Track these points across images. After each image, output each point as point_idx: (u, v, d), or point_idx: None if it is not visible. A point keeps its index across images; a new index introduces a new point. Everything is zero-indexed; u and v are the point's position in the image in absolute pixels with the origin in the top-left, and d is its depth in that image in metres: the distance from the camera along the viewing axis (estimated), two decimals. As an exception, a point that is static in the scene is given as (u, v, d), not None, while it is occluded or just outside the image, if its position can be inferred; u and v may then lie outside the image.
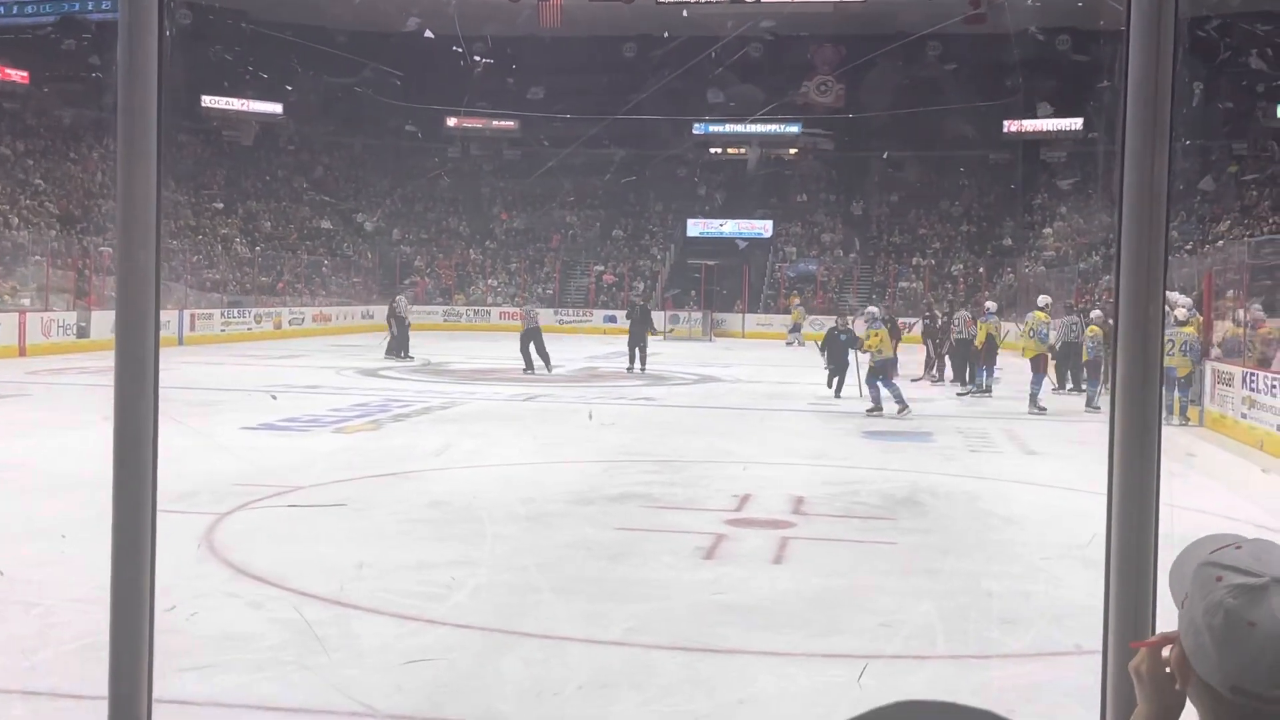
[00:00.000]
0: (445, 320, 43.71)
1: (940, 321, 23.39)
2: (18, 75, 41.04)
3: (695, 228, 48.95)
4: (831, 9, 47.15)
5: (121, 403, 1.89)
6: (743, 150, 52.29)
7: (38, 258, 30.46)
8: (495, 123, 51.55)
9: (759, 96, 42.26)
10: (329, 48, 42.87)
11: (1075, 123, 44.97)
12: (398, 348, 25.71)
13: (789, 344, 35.15)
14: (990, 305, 22.48)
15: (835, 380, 18.91)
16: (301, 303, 39.60)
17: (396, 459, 11.94)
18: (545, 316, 43.20)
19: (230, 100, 47.77)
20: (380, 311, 43.23)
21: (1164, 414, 8.47)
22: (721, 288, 44.75)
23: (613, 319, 42.58)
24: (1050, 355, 19.42)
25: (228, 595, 6.68)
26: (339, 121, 50.03)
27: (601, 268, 47.02)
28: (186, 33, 40.52)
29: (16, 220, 33.56)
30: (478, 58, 40.11)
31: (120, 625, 1.92)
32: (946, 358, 22.73)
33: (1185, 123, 31.57)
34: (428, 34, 40.14)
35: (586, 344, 33.50)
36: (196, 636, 5.80)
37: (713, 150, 52.48)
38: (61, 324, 26.35)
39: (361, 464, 11.53)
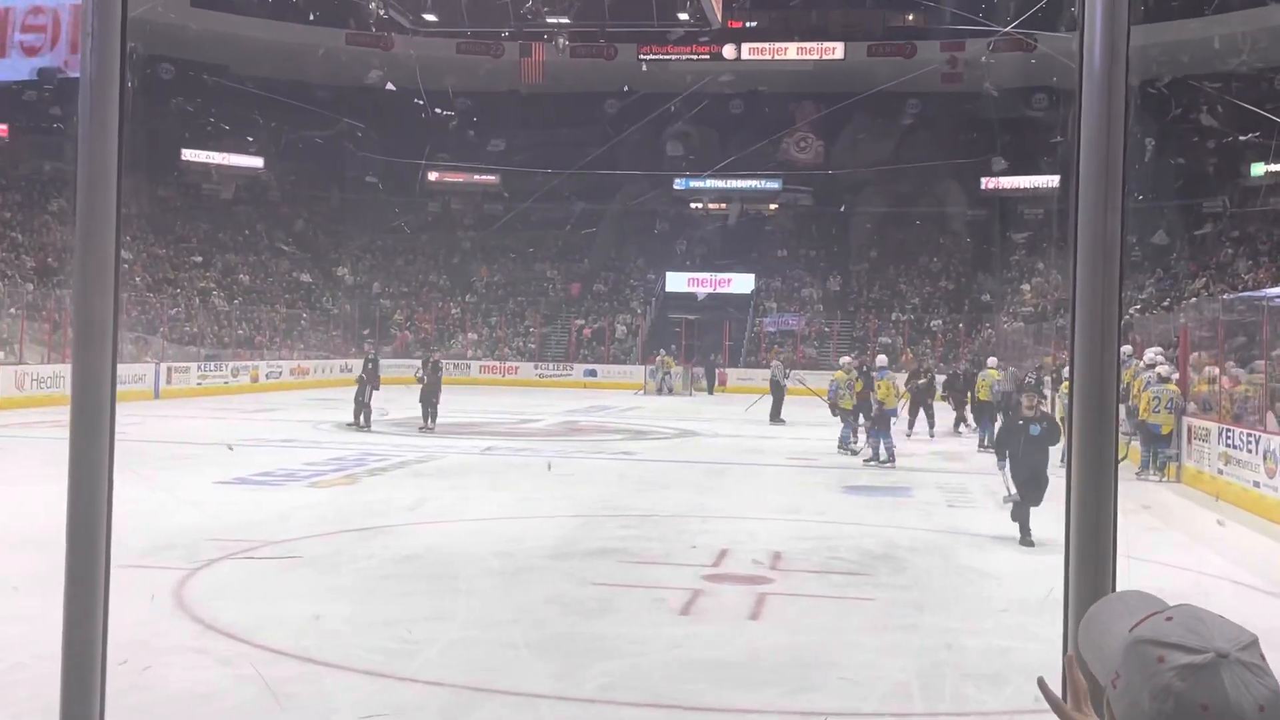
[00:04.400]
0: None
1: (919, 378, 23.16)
2: (-2, 128, 41.11)
3: (675, 282, 49.10)
4: (811, 67, 47.76)
5: (77, 457, 1.87)
6: (723, 206, 52.63)
7: (13, 311, 30.31)
8: (476, 177, 51.78)
9: (734, 151, 42.60)
10: (310, 102, 43.09)
11: (1052, 180, 45.46)
12: (777, 411, 25.97)
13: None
14: (881, 359, 20.38)
15: (1019, 513, 10.73)
16: (279, 356, 39.44)
17: (371, 513, 11.86)
18: (525, 370, 43.49)
19: (210, 154, 47.87)
20: (358, 365, 43.20)
21: (1146, 470, 8.52)
22: (702, 342, 44.84)
23: (593, 373, 42.57)
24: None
25: (196, 652, 6.59)
26: (320, 175, 50.18)
27: (581, 322, 47.07)
28: (167, 87, 40.68)
29: (-7, 272, 33.47)
30: (439, 110, 40.30)
31: (71, 681, 1.88)
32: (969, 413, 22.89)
33: (1138, 179, 31.92)
34: (389, 87, 40.41)
35: (566, 398, 33.44)
36: (163, 694, 5.71)
37: (693, 205, 52.79)
38: (35, 377, 26.17)
39: (336, 519, 11.44)
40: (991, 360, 23.16)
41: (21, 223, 38.00)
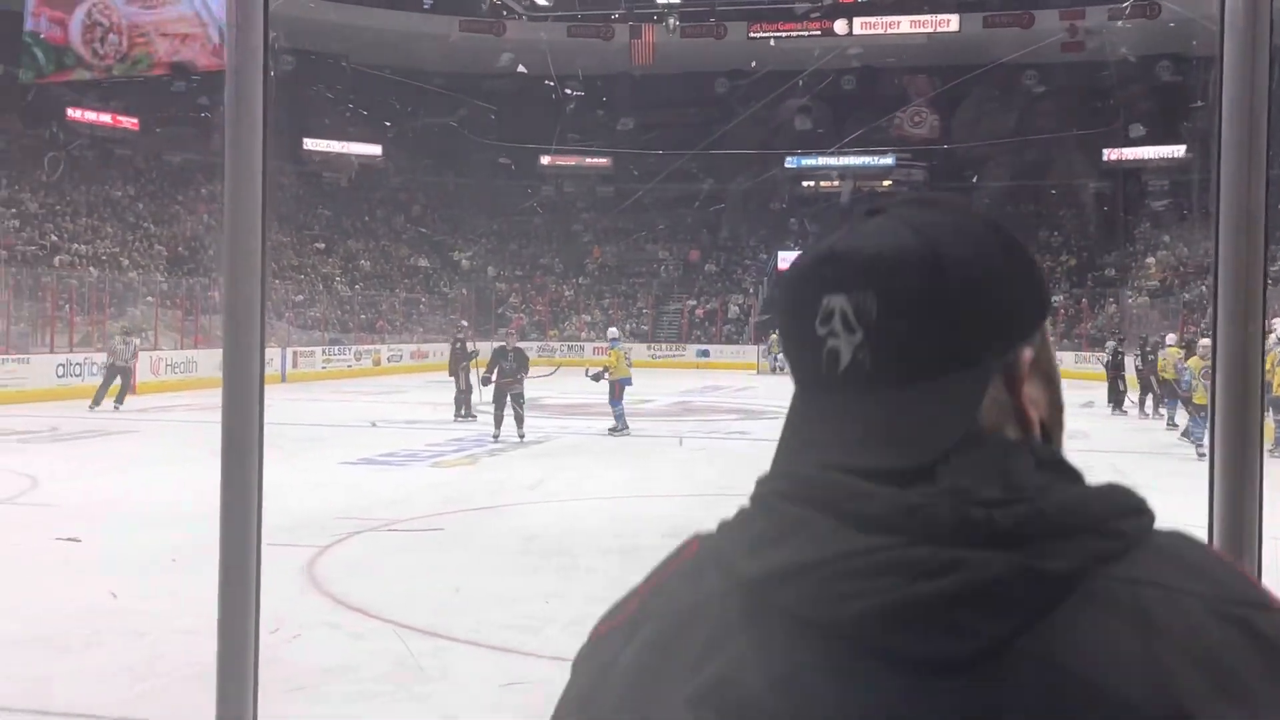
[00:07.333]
0: (540, 355, 44.08)
1: None
2: (129, 122, 42.52)
3: (788, 261, 48.70)
4: (925, 39, 46.92)
5: (229, 433, 1.94)
6: (835, 183, 52.09)
7: (148, 298, 31.43)
8: (588, 160, 52.06)
9: (847, 127, 42.10)
10: (426, 90, 43.79)
11: (1178, 150, 44.04)
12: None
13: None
14: (612, 331, 20.32)
15: None
16: (400, 340, 40.22)
17: (492, 493, 12.05)
18: (638, 351, 43.70)
19: (331, 142, 48.97)
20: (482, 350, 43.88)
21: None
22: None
23: (705, 353, 42.59)
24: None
25: (330, 626, 6.78)
26: (436, 161, 50.97)
27: (693, 302, 47.07)
28: (289, 77, 41.67)
29: (127, 262, 34.69)
30: (569, 90, 40.66)
31: (227, 651, 1.96)
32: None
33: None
34: (520, 69, 40.86)
35: (680, 378, 33.50)
36: (300, 666, 5.91)
37: (805, 183, 52.34)
38: (170, 362, 27.09)
39: (458, 498, 11.65)
40: (1170, 337, 22.34)
41: (154, 213, 39.33)
